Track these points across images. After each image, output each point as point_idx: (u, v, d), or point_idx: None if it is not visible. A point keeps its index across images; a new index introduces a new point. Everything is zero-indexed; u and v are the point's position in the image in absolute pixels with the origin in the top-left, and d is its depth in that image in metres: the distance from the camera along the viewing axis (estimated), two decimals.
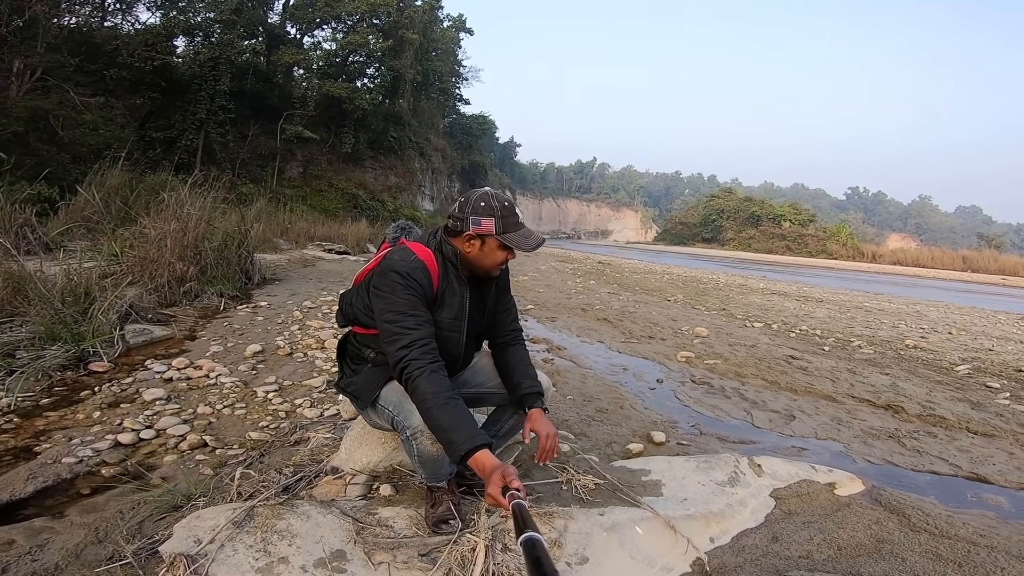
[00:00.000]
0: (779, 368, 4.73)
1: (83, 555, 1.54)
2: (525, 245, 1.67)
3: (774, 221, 58.98)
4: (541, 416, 1.78)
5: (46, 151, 10.77)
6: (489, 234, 1.66)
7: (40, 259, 4.42)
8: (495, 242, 1.68)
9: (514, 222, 1.68)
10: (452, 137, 41.78)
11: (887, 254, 51.97)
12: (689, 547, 1.77)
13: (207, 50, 19.18)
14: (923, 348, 6.24)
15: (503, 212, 1.67)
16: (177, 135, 18.07)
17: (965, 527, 2.06)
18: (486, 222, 1.65)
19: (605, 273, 15.06)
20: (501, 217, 1.66)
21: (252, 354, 3.79)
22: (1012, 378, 4.89)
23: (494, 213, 1.66)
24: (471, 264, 1.75)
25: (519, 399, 1.86)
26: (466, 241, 1.70)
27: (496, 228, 1.65)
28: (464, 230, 1.67)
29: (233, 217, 6.63)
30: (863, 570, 1.74)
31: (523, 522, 1.12)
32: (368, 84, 26.99)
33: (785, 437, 3.17)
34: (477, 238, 1.68)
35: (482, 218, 1.65)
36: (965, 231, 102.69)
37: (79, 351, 3.29)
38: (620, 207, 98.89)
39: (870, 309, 10.45)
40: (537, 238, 1.70)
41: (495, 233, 1.65)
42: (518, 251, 1.68)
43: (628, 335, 5.88)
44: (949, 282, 29.58)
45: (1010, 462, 2.91)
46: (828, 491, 2.32)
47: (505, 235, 1.66)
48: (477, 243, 1.69)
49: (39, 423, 2.51)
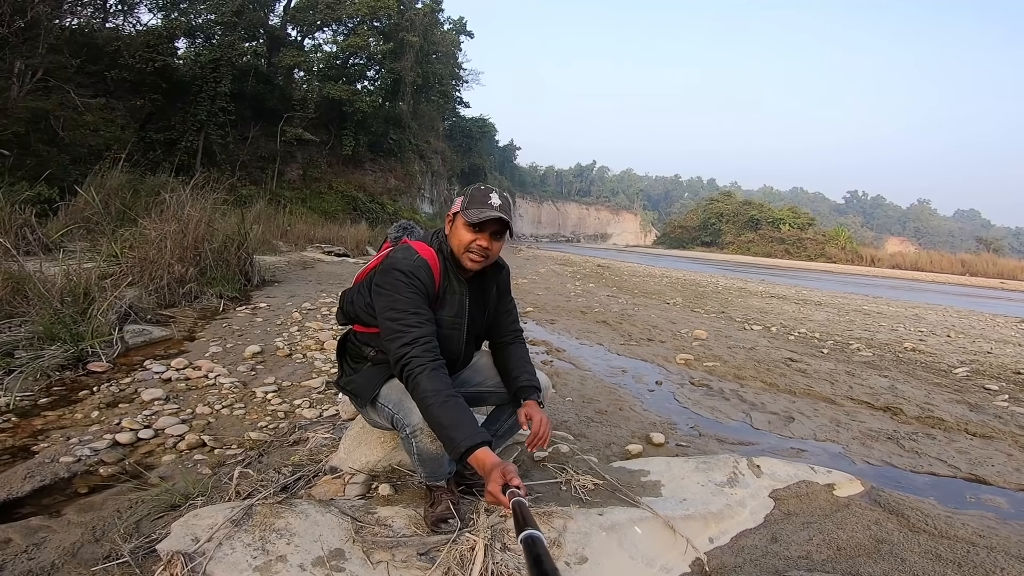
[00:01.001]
0: (778, 370, 4.73)
1: (80, 554, 1.53)
2: (474, 216, 1.67)
3: (773, 225, 59.10)
4: (534, 407, 1.81)
5: (46, 152, 10.77)
6: (457, 211, 1.73)
7: (40, 259, 4.41)
8: (461, 219, 1.72)
9: (480, 201, 1.70)
10: (452, 140, 41.88)
11: (886, 258, 52.06)
12: (688, 547, 1.77)
13: (208, 52, 19.26)
14: (922, 351, 6.24)
15: (474, 194, 1.73)
16: (177, 137, 18.10)
17: (964, 528, 2.05)
18: (458, 201, 1.75)
19: (604, 276, 15.07)
20: (470, 197, 1.72)
21: (251, 355, 3.79)
22: (1010, 380, 4.89)
23: (467, 194, 1.74)
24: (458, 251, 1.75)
25: (515, 393, 1.88)
26: (447, 223, 1.79)
27: (462, 205, 1.72)
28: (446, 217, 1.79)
29: (233, 219, 6.64)
30: (862, 570, 1.74)
31: (523, 520, 1.11)
32: (368, 87, 27.08)
33: (784, 438, 3.17)
34: (452, 217, 1.76)
35: (457, 199, 1.77)
36: (964, 235, 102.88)
37: (78, 351, 3.28)
38: (619, 210, 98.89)
39: (869, 312, 10.46)
40: (489, 214, 1.67)
41: (460, 209, 1.72)
42: (469, 220, 1.68)
43: (627, 337, 5.88)
44: (948, 286, 29.62)
45: (1009, 463, 2.91)
46: (827, 492, 2.32)
47: (467, 211, 1.70)
48: (450, 223, 1.78)
49: (37, 422, 2.50)
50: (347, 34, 26.03)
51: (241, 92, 21.19)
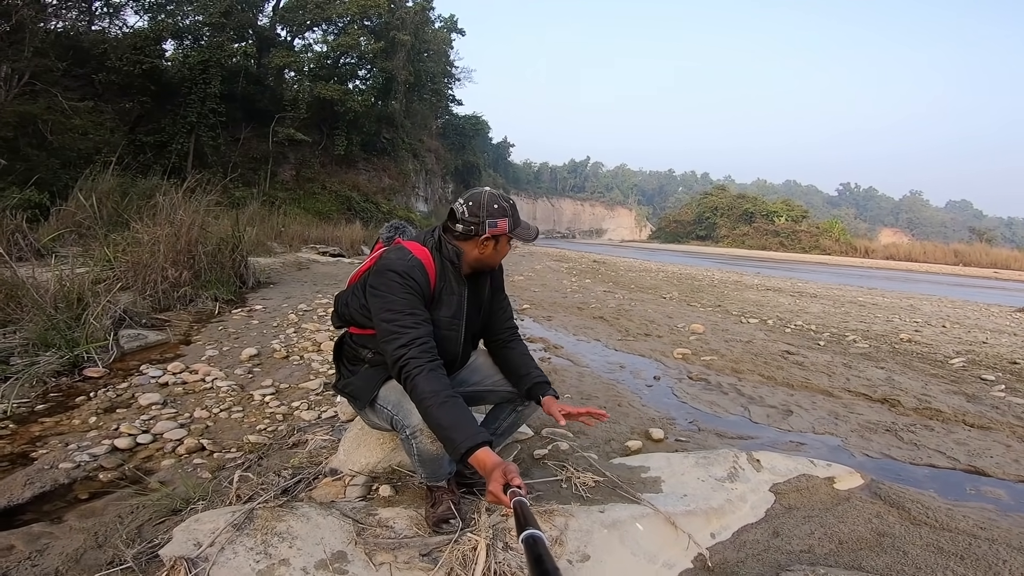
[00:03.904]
0: (775, 363, 4.74)
1: (83, 560, 1.53)
2: (528, 236, 1.78)
3: (767, 218, 59.29)
4: (555, 400, 1.83)
5: (35, 156, 10.68)
6: (503, 233, 1.72)
7: (32, 265, 4.39)
8: (506, 239, 1.76)
9: (516, 219, 1.77)
10: (445, 138, 41.74)
11: (880, 249, 52.38)
12: (690, 543, 1.77)
13: (196, 53, 19.10)
14: (917, 342, 6.28)
15: (512, 211, 1.75)
16: (168, 139, 17.97)
17: (965, 520, 2.06)
18: (501, 223, 1.71)
19: (600, 272, 15.08)
20: (512, 216, 1.74)
21: (248, 358, 3.77)
22: (1007, 370, 4.92)
23: (506, 213, 1.73)
24: (479, 263, 1.79)
25: (529, 390, 1.89)
26: (481, 244, 1.73)
27: (509, 226, 1.72)
28: (480, 233, 1.71)
29: (226, 221, 6.60)
30: (865, 564, 1.75)
31: (524, 519, 1.11)
32: (360, 86, 26.95)
33: (783, 432, 3.18)
34: (492, 239, 1.73)
35: (498, 220, 1.71)
36: (956, 225, 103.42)
37: (73, 357, 3.26)
38: (614, 206, 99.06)
39: (864, 304, 10.51)
40: (535, 229, 1.84)
41: (508, 231, 1.72)
42: (524, 239, 1.78)
43: (624, 333, 5.88)
44: (942, 276, 29.82)
45: (1007, 454, 2.92)
46: (827, 485, 2.32)
47: (515, 231, 1.75)
48: (491, 243, 1.75)
49: (35, 429, 2.49)
50: (337, 33, 25.86)
51: (231, 93, 21.03)
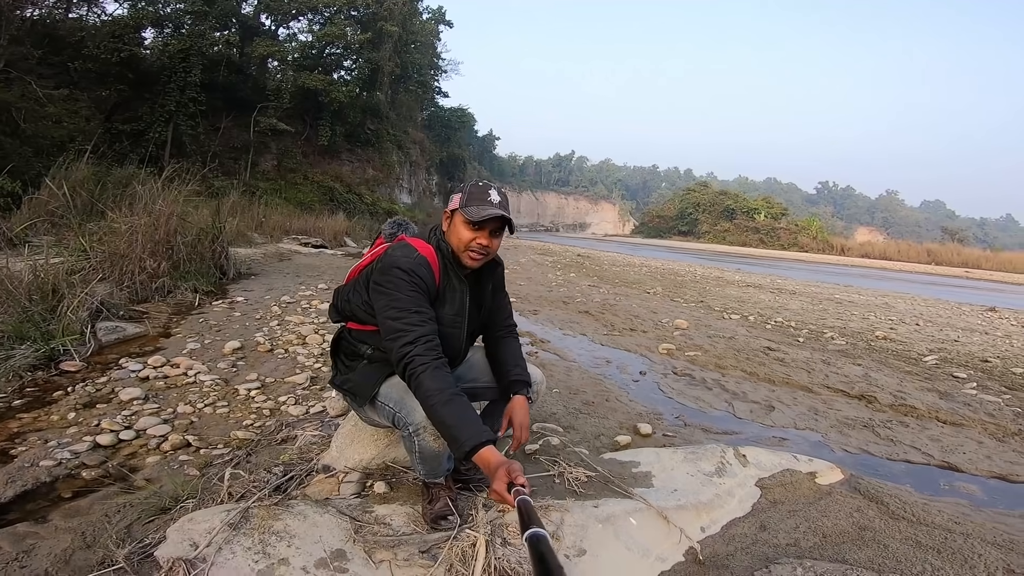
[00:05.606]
0: (757, 359, 4.83)
1: (73, 560, 1.50)
2: (475, 214, 1.66)
3: (748, 215, 60.19)
4: (520, 406, 1.81)
5: (8, 144, 10.31)
6: (455, 208, 1.71)
7: (5, 255, 4.25)
8: (460, 216, 1.70)
9: (479, 198, 1.69)
10: (431, 130, 41.48)
11: (856, 247, 53.59)
12: (682, 537, 1.81)
13: (177, 41, 18.62)
14: (892, 339, 6.44)
15: (472, 191, 1.72)
16: (145, 128, 17.53)
17: (940, 514, 2.13)
18: (456, 197, 1.73)
19: (585, 266, 15.15)
20: (469, 194, 1.71)
21: (231, 351, 3.72)
22: (978, 368, 5.08)
23: (465, 191, 1.72)
24: (458, 250, 1.73)
25: (506, 386, 1.88)
26: (444, 219, 1.77)
27: (461, 202, 1.70)
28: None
29: (206, 211, 6.47)
30: (848, 557, 1.80)
31: (528, 518, 1.12)
32: (345, 76, 26.60)
33: (766, 427, 3.24)
34: (450, 214, 1.74)
35: (455, 195, 1.74)
36: (930, 225, 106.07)
37: (49, 350, 3.18)
38: (598, 200, 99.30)
39: (841, 301, 10.74)
40: (490, 212, 1.66)
41: (459, 207, 1.69)
42: (469, 218, 1.66)
43: (610, 328, 5.93)
44: (915, 274, 30.58)
45: (979, 451, 3.03)
46: (810, 480, 2.38)
47: (466, 208, 1.68)
48: (448, 219, 1.76)
49: (12, 425, 2.42)
50: (323, 23, 25.46)
51: (212, 82, 20.55)
